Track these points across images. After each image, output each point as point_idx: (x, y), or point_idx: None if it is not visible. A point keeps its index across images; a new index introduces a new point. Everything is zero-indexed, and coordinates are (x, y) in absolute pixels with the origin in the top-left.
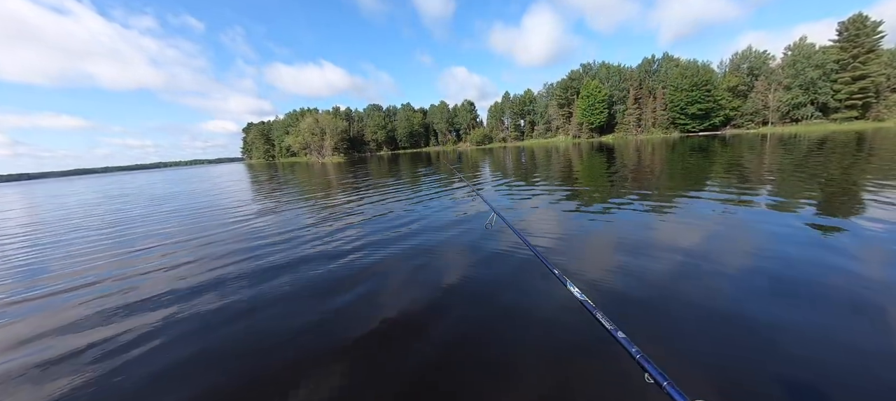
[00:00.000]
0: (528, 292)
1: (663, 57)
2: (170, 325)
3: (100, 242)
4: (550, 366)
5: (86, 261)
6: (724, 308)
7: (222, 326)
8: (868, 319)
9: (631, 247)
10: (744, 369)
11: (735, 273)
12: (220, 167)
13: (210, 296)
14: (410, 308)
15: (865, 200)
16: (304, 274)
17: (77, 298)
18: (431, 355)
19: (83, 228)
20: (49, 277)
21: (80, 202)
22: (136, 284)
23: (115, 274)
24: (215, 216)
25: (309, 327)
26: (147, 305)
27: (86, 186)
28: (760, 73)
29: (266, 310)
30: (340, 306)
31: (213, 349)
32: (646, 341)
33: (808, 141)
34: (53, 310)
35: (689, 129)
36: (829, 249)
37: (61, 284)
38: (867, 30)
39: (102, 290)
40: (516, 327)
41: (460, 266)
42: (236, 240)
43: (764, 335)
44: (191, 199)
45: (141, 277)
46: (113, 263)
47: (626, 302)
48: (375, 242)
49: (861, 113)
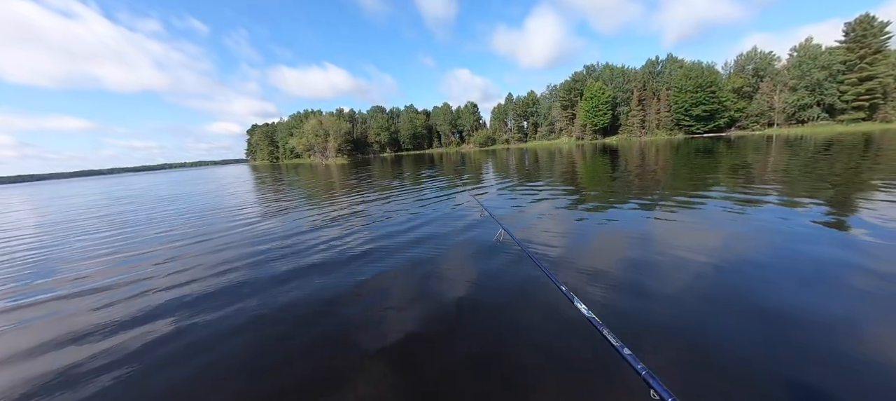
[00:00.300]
0: (534, 308)
1: (667, 58)
2: (177, 333)
3: (106, 245)
4: (555, 382)
5: (91, 264)
6: (736, 315)
7: (230, 335)
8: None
9: (636, 253)
10: (755, 378)
11: (745, 278)
12: (224, 169)
13: (216, 303)
14: (416, 322)
15: (877, 200)
16: (311, 282)
17: (82, 302)
18: (437, 368)
19: (89, 231)
20: (54, 280)
21: (86, 204)
22: (141, 289)
23: (121, 278)
24: (221, 218)
25: (315, 337)
26: (153, 312)
27: (91, 188)
28: (766, 74)
29: (272, 318)
30: (345, 317)
31: (221, 359)
32: (651, 350)
33: (815, 142)
34: (58, 316)
35: (693, 130)
36: (845, 249)
37: (66, 289)
38: (874, 30)
39: (109, 297)
40: (521, 342)
41: (465, 279)
42: (242, 244)
43: (775, 343)
44: (197, 200)
45: (146, 282)
46: (119, 268)
47: (632, 311)
48: (379, 251)
49: (868, 114)
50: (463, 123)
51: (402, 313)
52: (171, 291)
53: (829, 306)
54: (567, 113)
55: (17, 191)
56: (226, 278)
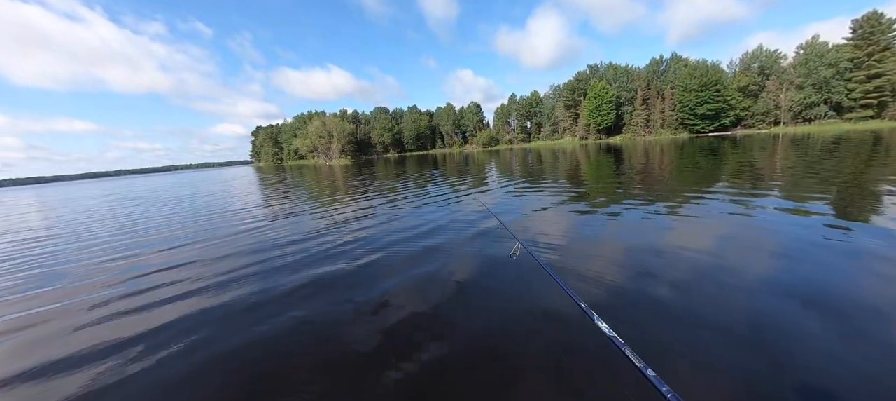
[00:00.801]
0: (552, 325)
1: (671, 57)
2: (181, 333)
3: (114, 246)
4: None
5: (99, 266)
6: (742, 318)
7: (233, 334)
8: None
9: (642, 254)
10: (765, 382)
11: (753, 281)
12: (230, 170)
13: (222, 304)
14: (426, 341)
15: (886, 200)
16: (320, 287)
17: (89, 303)
18: (449, 392)
19: (96, 233)
20: (63, 282)
21: (93, 207)
22: (145, 286)
23: (127, 278)
24: (227, 220)
25: (323, 344)
26: (158, 313)
27: (94, 191)
28: (771, 72)
29: (277, 320)
30: (355, 330)
31: (225, 359)
32: (658, 353)
33: (823, 141)
34: (63, 317)
35: (698, 129)
36: (854, 252)
37: (73, 294)
38: (882, 27)
39: (114, 294)
40: (538, 360)
41: (479, 294)
42: (247, 246)
43: (784, 346)
44: (203, 201)
45: (151, 279)
46: (125, 274)
47: (635, 309)
48: (386, 262)
49: (877, 112)
50: (466, 124)
51: (411, 331)
52: (176, 291)
53: (840, 308)
54: (570, 113)
55: (25, 193)
56: (230, 289)
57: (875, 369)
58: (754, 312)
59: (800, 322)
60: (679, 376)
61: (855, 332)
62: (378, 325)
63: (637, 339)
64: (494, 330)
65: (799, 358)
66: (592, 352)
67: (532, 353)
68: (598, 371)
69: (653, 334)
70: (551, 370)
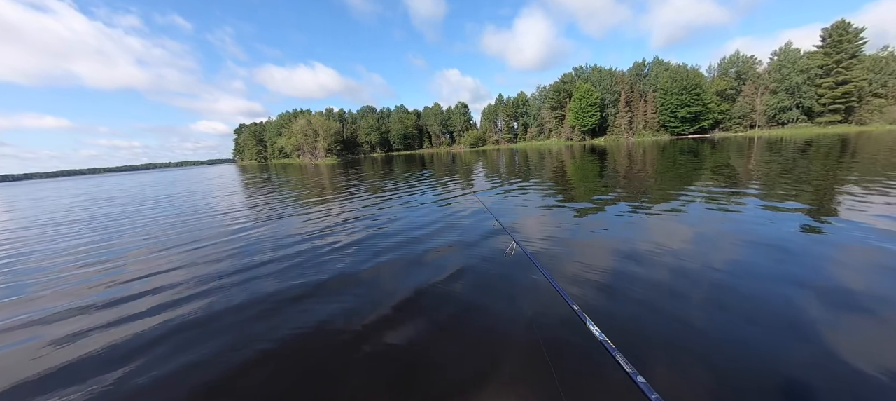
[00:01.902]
0: (544, 325)
1: (654, 61)
2: (158, 339)
3: (85, 250)
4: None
5: (70, 274)
6: (733, 324)
7: (209, 338)
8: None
9: (624, 253)
10: (740, 380)
11: (741, 283)
12: (211, 169)
13: (200, 309)
14: (413, 341)
15: (852, 200)
16: (308, 291)
17: (61, 316)
18: (435, 391)
19: (70, 236)
20: (32, 290)
21: (65, 206)
22: (122, 292)
23: (102, 284)
24: (209, 222)
25: (313, 349)
26: (134, 317)
27: (69, 188)
28: (748, 77)
29: (261, 324)
30: (347, 329)
31: (201, 364)
32: (648, 357)
33: (795, 144)
34: (34, 327)
35: (678, 131)
36: (825, 251)
37: (44, 303)
38: (849, 36)
39: (88, 303)
40: (530, 361)
41: (470, 293)
42: (228, 250)
43: (771, 350)
44: (183, 201)
45: (127, 286)
46: (101, 281)
47: (614, 310)
48: (374, 261)
49: (844, 117)
50: (453, 124)
51: (399, 330)
52: (154, 295)
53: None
54: (556, 114)
55: None
56: (211, 286)
57: (852, 357)
58: (744, 317)
59: (785, 324)
60: (668, 382)
61: (834, 323)
62: (369, 326)
63: (627, 343)
64: (487, 330)
65: (784, 361)
66: (583, 355)
67: (523, 354)
68: (589, 375)
69: (643, 338)
70: (542, 372)
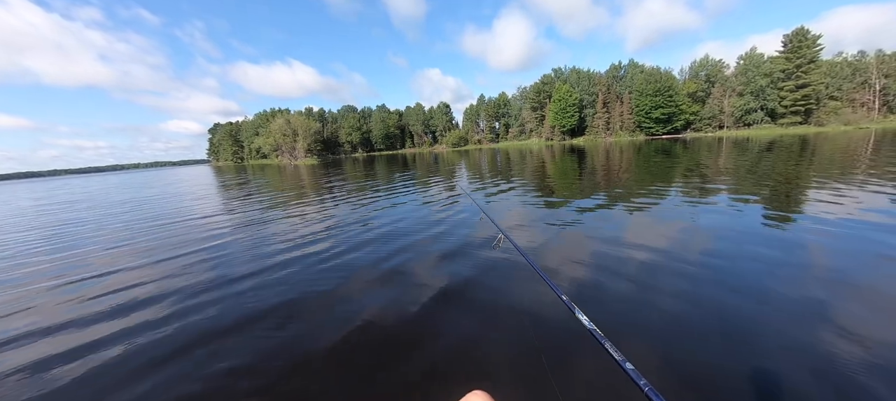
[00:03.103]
0: (533, 315)
1: (629, 63)
2: (131, 353)
3: (41, 260)
4: (554, 396)
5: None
6: (693, 307)
7: (186, 351)
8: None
9: (604, 247)
10: (714, 370)
11: (702, 270)
12: (183, 170)
13: (173, 317)
14: (399, 330)
15: (811, 195)
16: (299, 298)
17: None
18: (422, 376)
19: (23, 243)
20: None
21: (16, 209)
22: (85, 294)
23: (59, 295)
24: (182, 228)
25: (302, 344)
26: (102, 317)
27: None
28: (716, 80)
29: (256, 323)
30: (330, 334)
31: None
32: (635, 346)
33: (759, 144)
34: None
35: (653, 132)
36: (786, 241)
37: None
38: (808, 42)
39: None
40: (518, 352)
41: (460, 287)
42: (202, 259)
43: (750, 338)
44: (147, 205)
45: (93, 293)
46: (59, 289)
47: (603, 300)
48: (359, 259)
49: (804, 118)
50: (436, 124)
51: (384, 322)
52: (122, 304)
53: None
54: (537, 114)
55: None
56: (185, 294)
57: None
58: (722, 306)
59: (763, 312)
60: (654, 369)
61: (808, 312)
62: (362, 317)
63: (615, 333)
64: (476, 320)
65: (762, 349)
66: (572, 344)
67: (513, 344)
68: (578, 363)
69: (630, 328)
70: (532, 361)
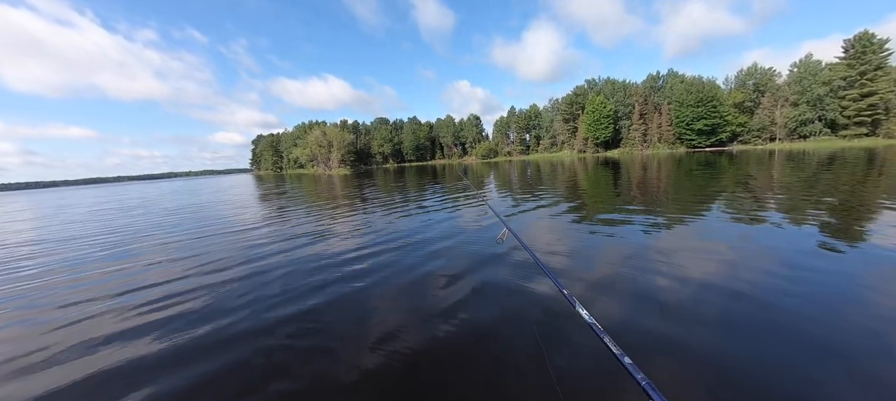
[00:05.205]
0: (535, 309)
1: (668, 73)
2: (175, 349)
3: (103, 256)
4: (553, 388)
5: (85, 281)
6: (718, 319)
7: (224, 350)
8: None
9: (633, 264)
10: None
11: (739, 288)
12: (229, 178)
13: (212, 320)
14: (410, 326)
15: (879, 219)
16: (318, 294)
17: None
18: (428, 368)
19: (85, 238)
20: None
21: (91, 213)
22: (134, 300)
23: (117, 291)
24: (223, 232)
25: (324, 357)
26: (148, 326)
27: (96, 196)
28: (766, 89)
29: (278, 332)
30: (349, 325)
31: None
32: (641, 354)
33: (818, 158)
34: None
35: (695, 144)
36: (845, 271)
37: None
38: (874, 47)
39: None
40: (520, 345)
41: (464, 281)
42: (241, 257)
43: (756, 349)
44: (203, 210)
45: (142, 293)
46: (116, 284)
47: (616, 302)
48: (378, 254)
49: (871, 130)
50: (465, 135)
51: (402, 316)
52: (169, 303)
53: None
54: (569, 126)
55: (23, 197)
56: (224, 297)
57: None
58: (733, 315)
59: (773, 327)
60: (654, 367)
61: (844, 349)
62: (377, 317)
63: (615, 328)
64: (481, 315)
65: (770, 359)
66: (572, 338)
67: (515, 336)
68: (577, 356)
69: (631, 324)
70: (532, 354)
